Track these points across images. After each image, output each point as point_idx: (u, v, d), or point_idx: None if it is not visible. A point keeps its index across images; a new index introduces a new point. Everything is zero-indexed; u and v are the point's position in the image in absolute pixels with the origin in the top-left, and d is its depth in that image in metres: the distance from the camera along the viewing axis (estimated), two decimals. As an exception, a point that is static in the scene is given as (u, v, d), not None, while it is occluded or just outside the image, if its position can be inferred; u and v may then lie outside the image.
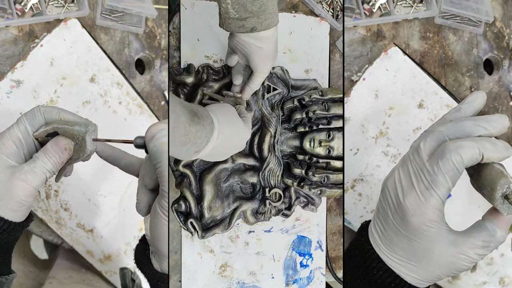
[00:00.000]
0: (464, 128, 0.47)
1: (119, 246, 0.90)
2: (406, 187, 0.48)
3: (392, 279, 0.50)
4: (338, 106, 0.76)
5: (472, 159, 0.46)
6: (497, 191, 0.47)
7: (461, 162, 0.45)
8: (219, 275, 0.79)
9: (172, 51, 0.79)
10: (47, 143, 0.54)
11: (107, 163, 0.63)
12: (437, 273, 0.49)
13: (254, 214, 0.77)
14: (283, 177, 0.77)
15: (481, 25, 0.92)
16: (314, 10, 0.85)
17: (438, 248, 0.47)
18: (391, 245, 0.50)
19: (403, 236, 0.48)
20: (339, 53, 0.88)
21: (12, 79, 0.81)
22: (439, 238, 0.47)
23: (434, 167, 0.46)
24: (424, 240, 0.48)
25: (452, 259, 0.48)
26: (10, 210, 0.53)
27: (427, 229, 0.47)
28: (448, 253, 0.48)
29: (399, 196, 0.48)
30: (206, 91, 0.74)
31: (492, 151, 0.46)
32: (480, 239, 0.48)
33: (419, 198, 0.46)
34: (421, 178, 0.47)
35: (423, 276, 0.50)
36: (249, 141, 0.78)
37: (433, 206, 0.46)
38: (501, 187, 0.47)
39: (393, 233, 0.49)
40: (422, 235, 0.48)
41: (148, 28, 0.91)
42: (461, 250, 0.47)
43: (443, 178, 0.46)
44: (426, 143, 0.47)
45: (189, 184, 0.74)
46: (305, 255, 0.83)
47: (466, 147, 0.45)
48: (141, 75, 0.91)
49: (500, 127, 0.47)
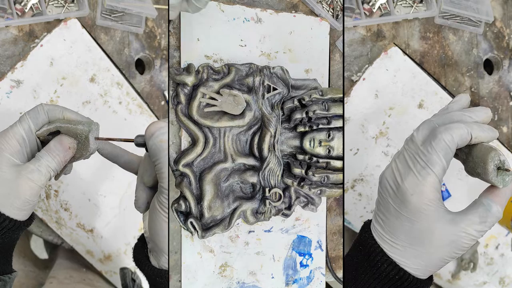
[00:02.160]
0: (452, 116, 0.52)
1: (119, 246, 0.90)
2: (403, 171, 0.50)
3: (396, 272, 0.51)
4: (338, 106, 0.76)
5: (462, 138, 0.49)
6: (489, 164, 0.50)
7: (452, 141, 0.49)
8: (219, 275, 0.79)
9: (172, 51, 0.79)
10: (50, 142, 0.54)
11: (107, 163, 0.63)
12: (440, 254, 0.50)
13: (254, 214, 0.78)
14: (283, 177, 0.77)
15: (481, 25, 0.93)
16: (314, 10, 0.85)
17: (439, 227, 0.49)
18: (393, 231, 0.51)
19: (405, 218, 0.50)
20: (339, 53, 0.88)
21: (12, 79, 0.81)
22: (439, 218, 0.49)
23: (428, 148, 0.49)
24: (424, 221, 0.49)
25: (452, 237, 0.49)
26: (16, 209, 0.53)
27: (427, 207, 0.49)
28: (448, 231, 0.49)
29: (397, 180, 0.51)
30: (205, 90, 0.74)
31: (479, 131, 0.50)
32: (477, 215, 0.50)
33: (417, 178, 0.49)
34: (417, 160, 0.50)
35: (427, 260, 0.51)
36: (249, 141, 0.78)
37: (430, 184, 0.49)
38: (492, 159, 0.50)
39: (395, 218, 0.51)
40: (422, 214, 0.49)
41: (148, 28, 0.91)
42: (460, 228, 0.49)
43: (437, 156, 0.49)
44: (419, 131, 0.51)
45: (189, 183, 0.74)
46: (305, 255, 0.83)
47: (455, 128, 0.49)
48: (141, 75, 0.91)
49: (483, 116, 0.52)
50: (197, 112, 0.74)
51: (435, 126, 0.51)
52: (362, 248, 0.54)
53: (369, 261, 0.52)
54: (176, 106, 0.76)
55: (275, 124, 0.76)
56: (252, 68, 0.76)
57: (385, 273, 0.51)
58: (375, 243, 0.53)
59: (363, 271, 0.53)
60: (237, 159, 0.76)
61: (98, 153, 0.61)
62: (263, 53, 0.80)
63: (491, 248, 0.95)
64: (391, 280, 0.51)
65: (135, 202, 0.60)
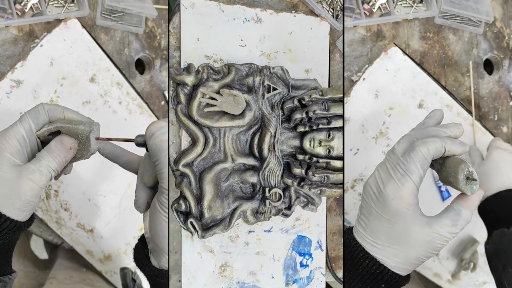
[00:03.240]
0: (428, 131, 0.59)
1: (119, 246, 0.90)
2: (385, 178, 0.57)
3: (376, 267, 0.57)
4: (338, 106, 0.76)
5: (436, 150, 0.56)
6: (459, 174, 0.57)
7: (428, 153, 0.56)
8: (219, 275, 0.79)
9: (172, 51, 0.79)
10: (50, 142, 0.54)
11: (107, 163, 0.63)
12: (416, 253, 0.56)
13: (254, 214, 0.77)
14: (283, 177, 0.77)
15: (481, 25, 0.93)
16: (314, 10, 0.85)
17: (415, 229, 0.55)
18: (375, 232, 0.57)
19: (385, 220, 0.56)
20: (339, 53, 0.88)
21: (12, 79, 0.81)
22: (415, 220, 0.56)
23: (407, 158, 0.56)
24: (403, 223, 0.56)
25: (427, 238, 0.55)
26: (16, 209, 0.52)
27: (405, 211, 0.55)
28: (423, 233, 0.55)
29: (380, 187, 0.57)
30: (205, 90, 0.74)
31: (452, 145, 0.57)
32: (449, 219, 0.56)
33: (397, 184, 0.55)
34: (397, 169, 0.56)
35: (404, 259, 0.57)
36: (249, 141, 0.78)
37: (408, 189, 0.55)
38: (462, 170, 0.57)
39: (376, 221, 0.57)
40: (401, 217, 0.55)
41: (148, 28, 0.91)
42: (434, 230, 0.55)
43: (414, 166, 0.55)
44: (399, 144, 0.58)
45: (189, 183, 0.74)
46: (305, 255, 0.83)
47: (431, 142, 0.56)
48: (141, 75, 0.91)
49: (456, 131, 0.59)
50: (197, 112, 0.74)
51: (414, 139, 0.58)
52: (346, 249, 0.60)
53: (352, 259, 0.58)
54: (176, 106, 0.76)
55: (275, 124, 0.76)
56: (252, 68, 0.76)
57: (366, 269, 0.57)
58: (357, 243, 0.59)
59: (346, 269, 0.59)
60: (237, 159, 0.76)
61: (99, 153, 0.61)
62: (263, 53, 0.80)
63: (491, 248, 0.95)
64: (372, 275, 0.57)
65: (135, 202, 0.60)
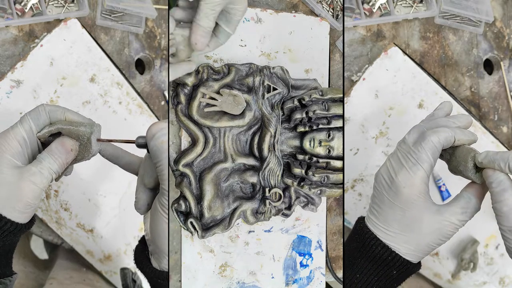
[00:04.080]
0: (438, 122, 0.60)
1: (119, 246, 0.90)
2: (397, 167, 0.58)
3: (389, 253, 0.58)
4: (338, 106, 0.76)
5: (447, 140, 0.57)
6: (469, 162, 0.57)
7: (438, 142, 0.57)
8: (219, 275, 0.79)
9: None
10: (51, 144, 0.53)
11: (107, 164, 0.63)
12: (427, 240, 0.58)
13: (254, 214, 0.77)
14: (283, 177, 0.77)
15: (481, 25, 0.93)
16: (314, 10, 0.85)
17: (426, 216, 0.57)
18: (387, 220, 0.59)
19: (398, 208, 0.58)
20: (339, 53, 0.88)
21: (12, 79, 0.81)
22: (427, 208, 0.57)
23: (418, 148, 0.57)
24: (414, 210, 0.57)
25: (438, 225, 0.57)
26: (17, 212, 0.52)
27: (417, 198, 0.57)
28: (435, 220, 0.57)
29: (392, 175, 0.58)
30: (205, 90, 0.74)
31: (462, 135, 0.58)
32: (459, 206, 0.57)
33: (409, 173, 0.57)
34: (408, 158, 0.57)
35: (415, 245, 0.58)
36: (249, 141, 0.78)
37: (420, 178, 0.57)
38: (472, 159, 0.58)
39: (389, 208, 0.58)
40: (412, 204, 0.57)
41: (148, 28, 0.91)
42: (445, 217, 0.57)
43: (425, 154, 0.57)
44: (410, 134, 0.60)
45: (189, 183, 0.74)
46: (305, 255, 0.83)
47: (441, 131, 0.57)
48: (141, 75, 0.91)
49: (465, 122, 0.61)
50: (197, 112, 0.74)
51: (424, 130, 0.59)
52: (358, 237, 0.61)
53: (364, 246, 0.60)
54: (176, 106, 0.76)
55: (275, 124, 0.76)
56: (252, 68, 0.76)
57: (379, 255, 0.59)
58: (369, 231, 0.60)
59: (359, 256, 0.60)
60: (237, 159, 0.76)
61: (99, 154, 0.61)
62: (263, 53, 0.80)
63: (491, 248, 0.95)
64: (384, 261, 0.59)
65: (135, 204, 0.60)
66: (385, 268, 0.59)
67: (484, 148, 0.92)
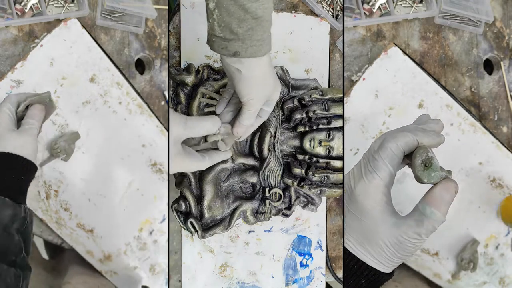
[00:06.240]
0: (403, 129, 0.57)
1: (119, 246, 0.90)
2: (357, 175, 0.56)
3: (354, 262, 0.56)
4: (338, 106, 0.76)
5: (407, 144, 0.55)
6: (417, 158, 0.54)
7: (396, 148, 0.54)
8: (219, 275, 0.79)
9: (172, 51, 0.79)
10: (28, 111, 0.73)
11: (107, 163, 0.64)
12: (389, 254, 0.55)
13: (254, 214, 0.78)
14: (283, 177, 0.77)
15: (481, 25, 0.93)
16: (314, 10, 0.85)
17: (383, 229, 0.54)
18: (349, 229, 0.57)
19: (355, 217, 0.56)
20: (339, 53, 0.88)
21: (12, 79, 0.81)
22: (383, 220, 0.54)
23: (375, 156, 0.55)
24: (370, 221, 0.55)
25: (396, 239, 0.54)
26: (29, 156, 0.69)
27: (372, 208, 0.54)
28: (391, 233, 0.54)
29: (351, 184, 0.56)
30: (205, 90, 0.74)
31: (424, 136, 0.55)
32: (413, 219, 0.54)
33: (364, 181, 0.55)
34: (367, 166, 0.55)
35: (378, 258, 0.55)
36: (249, 141, 0.78)
37: (375, 186, 0.54)
38: (420, 155, 0.54)
39: (349, 218, 0.57)
40: (368, 215, 0.55)
41: (148, 28, 0.91)
42: (402, 231, 0.54)
43: (382, 162, 0.54)
44: (375, 142, 0.57)
45: (189, 183, 0.74)
46: (305, 255, 0.83)
47: (400, 136, 0.55)
48: (141, 75, 0.91)
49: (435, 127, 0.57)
50: (197, 112, 0.74)
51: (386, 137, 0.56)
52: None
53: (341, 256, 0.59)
54: (176, 106, 0.76)
55: (275, 124, 0.76)
56: (252, 68, 0.76)
57: (345, 264, 0.56)
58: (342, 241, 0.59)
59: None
60: (237, 159, 0.76)
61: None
62: (263, 53, 0.79)
63: (491, 248, 0.95)
64: (351, 270, 0.56)
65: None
66: (353, 277, 0.56)
67: (484, 148, 0.92)
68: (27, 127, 0.71)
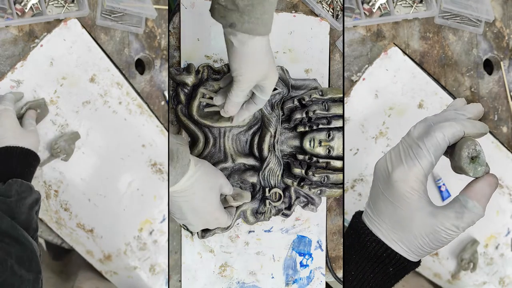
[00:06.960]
0: (446, 115, 0.55)
1: (119, 246, 0.90)
2: (395, 160, 0.54)
3: (383, 250, 0.55)
4: (338, 106, 0.76)
5: (454, 135, 0.53)
6: (463, 150, 0.52)
7: (443, 139, 0.52)
8: (219, 275, 0.79)
9: (172, 51, 0.79)
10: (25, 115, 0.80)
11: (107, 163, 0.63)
12: (421, 243, 0.54)
13: (254, 214, 0.78)
14: (283, 177, 0.77)
15: (481, 25, 0.93)
16: (314, 10, 0.85)
17: (419, 217, 0.53)
18: (380, 214, 0.55)
19: (389, 202, 0.54)
20: (339, 53, 0.88)
21: (12, 79, 0.81)
22: (420, 208, 0.53)
23: (420, 143, 0.53)
24: (406, 208, 0.53)
25: (431, 229, 0.53)
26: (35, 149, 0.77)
27: (409, 195, 0.53)
28: (427, 222, 0.53)
29: (388, 168, 0.55)
30: (205, 90, 0.74)
31: (471, 128, 0.53)
32: (453, 211, 0.53)
33: (404, 167, 0.53)
34: (408, 152, 0.54)
35: (409, 246, 0.55)
36: (249, 141, 0.78)
37: (415, 174, 0.53)
38: (467, 146, 0.52)
39: (382, 202, 0.55)
40: (404, 201, 0.53)
41: (148, 28, 0.91)
42: (439, 221, 0.53)
43: (426, 151, 0.53)
44: (416, 128, 0.55)
45: (189, 184, 0.74)
46: (305, 255, 0.83)
47: (448, 126, 0.53)
48: (141, 75, 0.91)
49: (475, 112, 0.55)
50: (197, 112, 0.74)
51: (431, 124, 0.55)
52: (353, 232, 0.58)
53: (359, 242, 0.57)
54: (176, 106, 0.76)
55: (275, 124, 0.76)
56: (252, 68, 0.76)
57: (373, 252, 0.55)
58: (364, 226, 0.57)
59: (354, 252, 0.57)
60: (237, 159, 0.76)
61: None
62: (263, 53, 0.79)
63: (491, 248, 0.95)
64: (379, 258, 0.55)
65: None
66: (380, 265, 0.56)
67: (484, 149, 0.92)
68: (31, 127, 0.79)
